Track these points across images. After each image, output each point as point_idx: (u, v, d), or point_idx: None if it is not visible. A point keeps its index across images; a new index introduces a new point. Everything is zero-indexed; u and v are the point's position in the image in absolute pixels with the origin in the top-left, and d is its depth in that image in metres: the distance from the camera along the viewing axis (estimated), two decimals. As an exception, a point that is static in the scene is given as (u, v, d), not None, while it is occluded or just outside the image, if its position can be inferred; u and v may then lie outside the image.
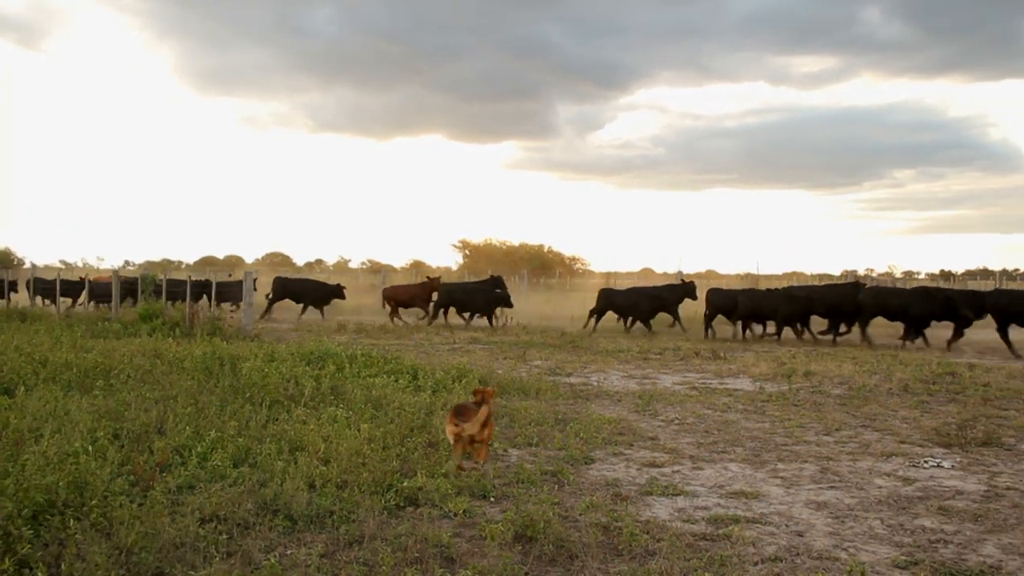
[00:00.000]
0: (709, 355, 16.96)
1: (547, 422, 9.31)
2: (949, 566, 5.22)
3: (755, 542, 5.62)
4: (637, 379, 13.63)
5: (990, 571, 5.16)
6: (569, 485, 6.94)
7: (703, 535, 5.75)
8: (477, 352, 17.37)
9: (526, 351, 17.59)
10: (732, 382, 13.30)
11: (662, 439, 8.86)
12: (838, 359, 16.19)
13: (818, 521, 6.15)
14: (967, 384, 12.79)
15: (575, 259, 72.85)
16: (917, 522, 6.13)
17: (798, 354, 17.37)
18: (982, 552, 5.51)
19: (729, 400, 11.38)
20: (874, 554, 5.47)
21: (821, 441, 8.86)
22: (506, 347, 18.55)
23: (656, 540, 5.55)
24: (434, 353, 16.84)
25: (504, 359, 16.08)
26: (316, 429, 7.77)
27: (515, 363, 15.31)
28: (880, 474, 7.53)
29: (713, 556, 5.29)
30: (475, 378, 11.15)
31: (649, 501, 6.59)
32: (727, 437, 8.99)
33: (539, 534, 5.47)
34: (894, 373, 13.80)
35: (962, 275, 69.60)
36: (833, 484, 7.18)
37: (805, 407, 10.85)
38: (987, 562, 5.32)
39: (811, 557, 5.38)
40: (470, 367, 12.58)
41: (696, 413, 10.36)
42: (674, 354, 17.51)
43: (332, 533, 5.54)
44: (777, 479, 7.34)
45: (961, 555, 5.44)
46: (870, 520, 6.17)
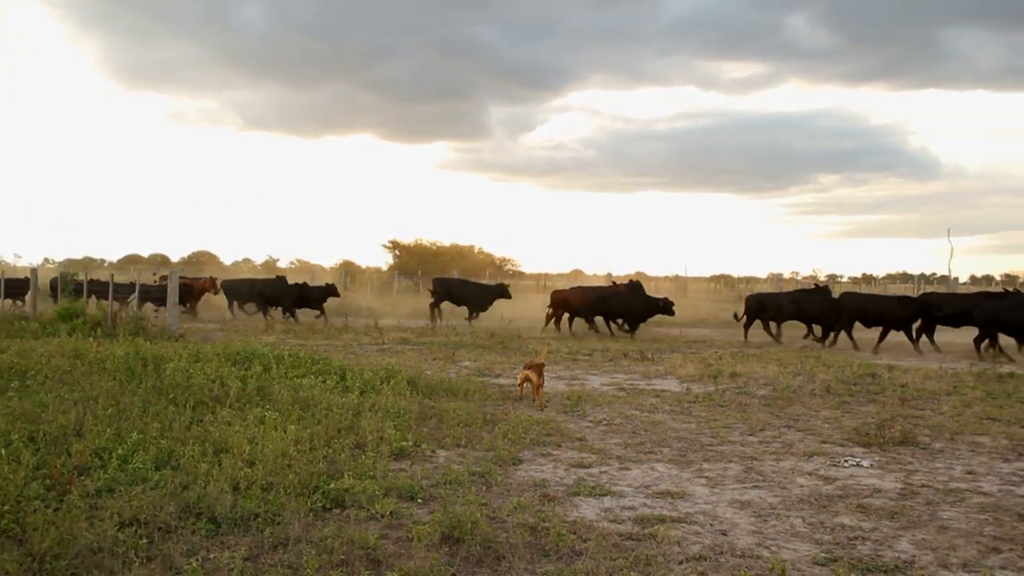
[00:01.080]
0: (637, 356, 17.11)
1: (476, 423, 9.30)
2: (866, 562, 5.34)
3: (680, 541, 5.68)
4: (566, 380, 13.69)
5: (904, 566, 5.30)
6: (497, 486, 6.94)
7: (629, 535, 5.80)
8: (406, 353, 17.29)
9: (455, 352, 17.56)
10: (660, 383, 13.44)
11: (590, 440, 8.92)
12: (763, 360, 16.47)
13: (742, 520, 6.25)
14: (886, 385, 13.11)
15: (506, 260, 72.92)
16: (837, 520, 6.26)
17: (724, 356, 17.62)
18: (897, 548, 5.65)
19: (656, 401, 11.50)
20: (795, 552, 5.57)
21: (746, 441, 9.00)
22: (436, 348, 18.50)
23: (583, 540, 5.58)
24: (363, 354, 16.72)
25: (433, 360, 16.03)
26: (242, 430, 7.66)
27: (444, 364, 15.27)
28: (802, 473, 7.67)
29: (639, 555, 5.34)
30: (403, 379, 11.09)
31: (576, 501, 6.63)
32: (654, 438, 9.08)
33: (466, 535, 5.46)
34: (817, 374, 14.08)
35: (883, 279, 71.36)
36: (757, 484, 7.30)
37: (731, 408, 11.02)
38: (901, 557, 5.45)
39: (734, 555, 5.46)
40: (399, 368, 12.51)
41: (624, 414, 10.44)
42: (603, 355, 17.64)
43: (257, 536, 5.46)
44: (702, 479, 7.44)
45: (878, 551, 5.57)
46: (792, 519, 6.29)
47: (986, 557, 5.50)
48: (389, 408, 9.42)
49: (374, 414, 8.99)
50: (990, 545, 5.72)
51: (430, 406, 10.03)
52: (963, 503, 6.76)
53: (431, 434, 8.74)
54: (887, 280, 69.08)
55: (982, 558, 5.48)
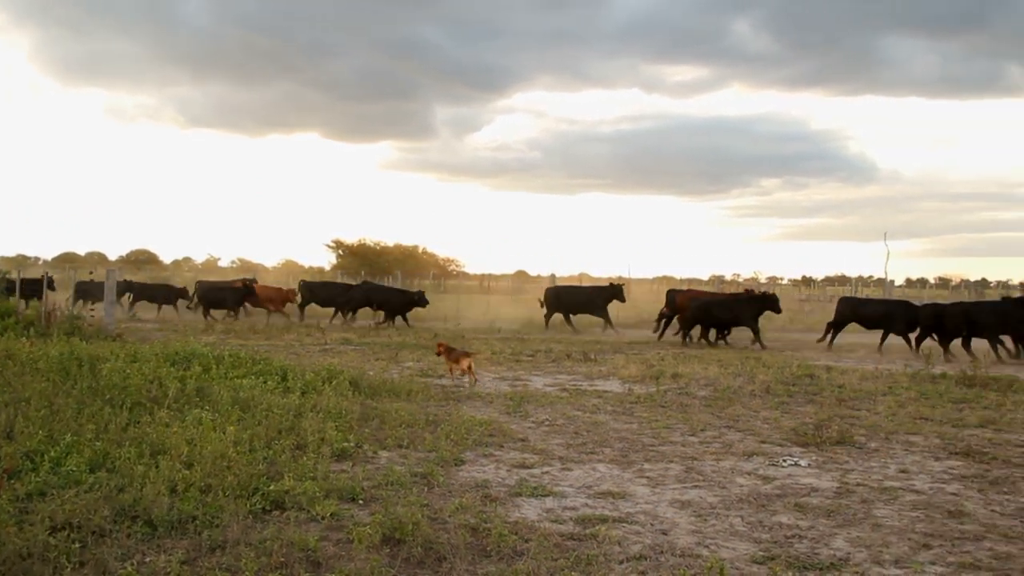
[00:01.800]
0: (580, 357, 17.20)
1: (418, 424, 9.27)
2: (803, 560, 5.43)
3: (621, 541, 5.72)
4: (509, 381, 13.72)
5: (839, 563, 5.39)
6: (439, 487, 6.92)
7: (571, 535, 5.82)
8: (349, 353, 17.19)
9: (398, 352, 17.50)
10: (602, 384, 13.52)
11: (532, 440, 8.94)
12: (704, 362, 16.65)
13: (682, 520, 6.30)
14: (824, 386, 13.33)
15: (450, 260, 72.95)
16: (775, 519, 6.35)
17: (666, 356, 17.78)
18: (833, 546, 5.75)
19: (599, 402, 11.56)
20: (734, 550, 5.63)
21: (686, 441, 9.09)
22: (378, 348, 18.43)
23: (524, 540, 5.59)
24: (304, 354, 16.59)
25: (376, 360, 15.96)
26: (180, 432, 7.54)
27: (387, 364, 15.21)
28: (742, 473, 7.77)
29: (580, 555, 5.36)
30: (345, 379, 11.01)
31: (518, 502, 6.64)
32: (596, 438, 9.13)
33: (408, 536, 5.44)
34: (757, 375, 14.27)
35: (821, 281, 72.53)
36: (697, 483, 7.37)
37: (672, 408, 11.12)
38: (837, 555, 5.55)
39: (674, 555, 5.51)
40: (341, 368, 12.42)
41: (566, 414, 10.49)
42: (546, 356, 17.70)
43: (194, 539, 5.38)
44: (644, 479, 7.49)
45: (814, 549, 5.66)
46: (731, 518, 6.36)
47: (917, 553, 5.63)
48: (331, 409, 9.35)
49: (315, 415, 8.92)
50: (921, 542, 5.85)
51: (372, 407, 9.98)
52: (896, 501, 6.89)
53: (373, 435, 8.70)
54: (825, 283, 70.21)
55: (913, 554, 5.60)
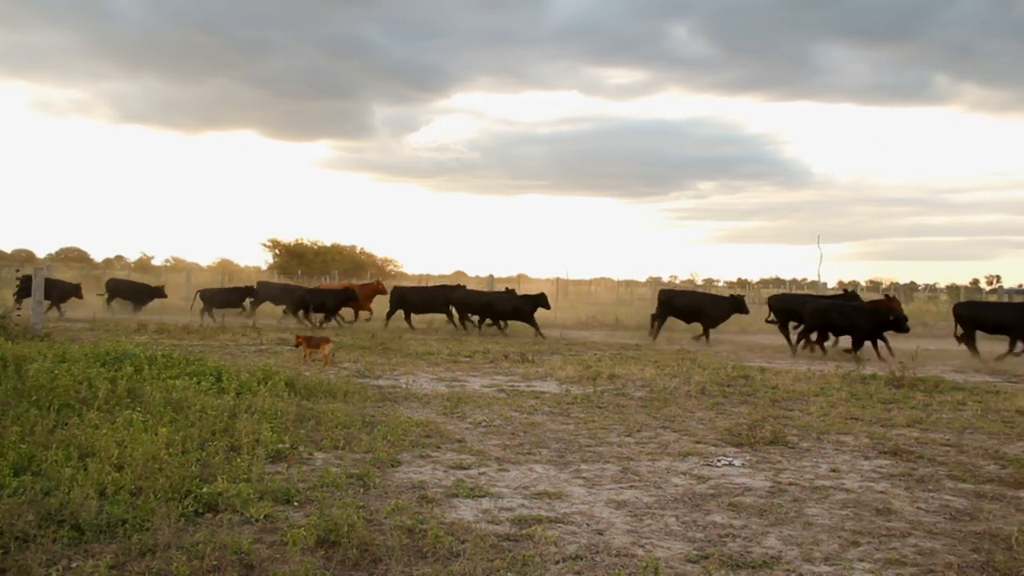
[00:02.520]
0: (518, 358, 17.22)
1: (354, 425, 9.21)
2: (736, 559, 5.51)
3: (557, 541, 5.74)
4: (446, 382, 13.69)
5: (771, 561, 5.48)
6: (375, 488, 6.88)
7: (507, 535, 5.83)
8: (285, 354, 17.00)
9: (335, 353, 17.34)
10: (539, 385, 13.56)
11: (469, 441, 8.93)
12: (641, 363, 16.78)
13: (618, 519, 6.35)
14: (758, 387, 13.53)
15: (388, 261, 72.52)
16: (709, 518, 6.43)
17: (603, 358, 17.89)
18: (765, 544, 5.84)
19: (536, 402, 11.59)
20: (669, 550, 5.69)
21: (623, 442, 9.16)
22: (315, 349, 18.24)
23: (460, 542, 5.58)
24: (240, 355, 16.37)
25: (312, 360, 15.79)
26: (110, 433, 7.38)
27: (323, 365, 15.07)
28: (677, 473, 7.85)
29: (516, 556, 5.37)
30: (281, 380, 10.89)
31: (455, 503, 6.63)
32: (533, 439, 9.16)
33: (343, 538, 5.40)
34: (692, 376, 14.42)
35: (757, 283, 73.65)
36: (633, 483, 7.43)
37: (608, 409, 11.19)
38: (769, 553, 5.64)
39: (610, 555, 5.55)
40: (277, 369, 12.28)
41: (503, 415, 10.50)
42: (484, 357, 17.70)
43: (123, 543, 5.28)
44: (580, 479, 7.53)
45: (747, 548, 5.74)
46: (666, 517, 6.43)
47: (846, 550, 5.74)
48: (266, 410, 9.24)
49: (250, 416, 8.81)
50: (850, 539, 5.97)
51: (308, 408, 9.89)
52: (827, 500, 7.02)
53: (309, 436, 8.62)
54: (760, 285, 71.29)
55: (843, 551, 5.71)
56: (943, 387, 13.81)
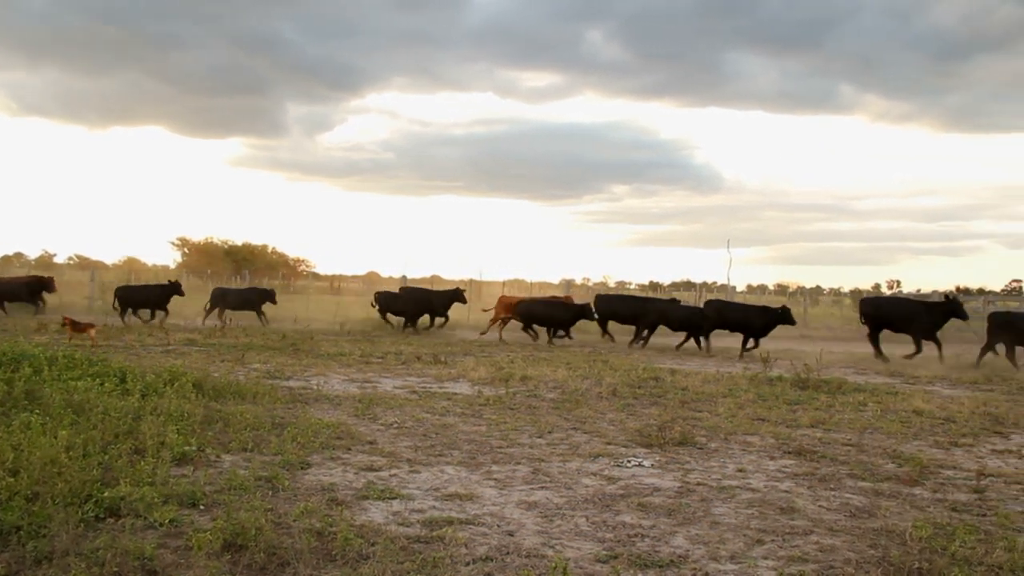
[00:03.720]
0: (430, 359, 17.18)
1: (264, 426, 9.07)
2: (644, 558, 5.57)
3: (468, 543, 5.74)
4: (358, 383, 13.58)
5: (679, 560, 5.56)
6: (284, 491, 6.79)
7: (417, 537, 5.80)
8: (193, 354, 16.66)
9: (244, 354, 17.06)
10: (452, 386, 13.54)
11: (380, 443, 8.87)
12: (553, 364, 16.89)
13: (528, 520, 6.37)
14: (668, 388, 13.73)
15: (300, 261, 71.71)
16: (619, 518, 6.49)
17: (516, 359, 17.96)
18: (673, 543, 5.92)
19: (448, 404, 11.57)
20: (579, 550, 5.73)
21: (534, 443, 9.20)
22: (224, 349, 17.93)
23: (370, 544, 5.53)
24: (145, 355, 15.99)
25: (221, 361, 15.52)
26: (5, 437, 7.11)
27: (233, 366, 14.81)
28: (587, 474, 7.91)
29: (426, 558, 5.35)
30: (189, 381, 10.65)
31: (365, 505, 6.57)
32: (445, 440, 9.14)
33: (250, 542, 5.31)
34: (604, 378, 14.56)
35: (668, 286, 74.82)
36: (544, 484, 7.47)
37: (520, 410, 11.23)
38: (676, 552, 5.72)
39: (520, 555, 5.56)
40: (184, 370, 12.01)
41: (415, 417, 10.45)
42: (396, 358, 17.61)
43: (17, 551, 5.10)
44: (491, 481, 7.54)
45: (655, 547, 5.82)
46: (576, 518, 6.47)
47: (751, 549, 5.86)
48: (172, 411, 9.03)
49: (155, 418, 8.59)
50: (755, 537, 6.09)
51: (216, 409, 9.70)
52: (733, 499, 7.16)
53: (216, 438, 8.46)
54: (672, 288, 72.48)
55: (748, 550, 5.83)
56: (845, 388, 14.21)
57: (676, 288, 71.17)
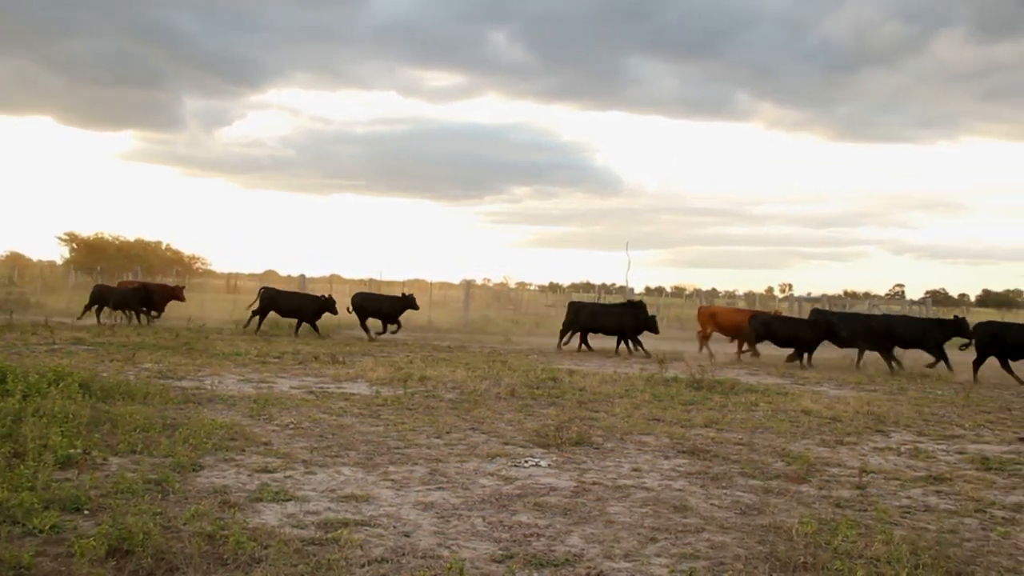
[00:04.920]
0: (328, 359, 16.98)
1: (154, 428, 8.82)
2: (540, 557, 5.60)
3: (363, 545, 5.68)
4: (254, 383, 13.33)
5: (574, 559, 5.61)
6: (174, 494, 6.61)
7: (312, 540, 5.72)
8: (81, 354, 16.11)
9: (136, 353, 16.57)
10: (350, 386, 13.41)
11: (276, 444, 8.72)
12: (452, 365, 16.86)
13: (425, 521, 6.34)
14: (566, 389, 13.85)
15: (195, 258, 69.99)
16: (515, 518, 6.51)
17: (415, 359, 17.88)
18: (568, 543, 5.97)
19: (346, 404, 11.45)
20: (475, 550, 5.73)
21: (432, 444, 9.17)
22: (114, 349, 17.40)
23: (263, 547, 5.43)
24: (28, 354, 15.39)
25: (111, 361, 15.05)
26: None
27: (123, 365, 14.37)
28: (485, 474, 7.92)
29: (320, 560, 5.28)
30: (75, 381, 10.28)
31: (259, 507, 6.45)
32: (341, 441, 9.04)
33: (137, 547, 5.15)
34: (503, 378, 14.61)
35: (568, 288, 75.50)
36: (441, 485, 7.45)
37: (419, 411, 11.18)
38: (572, 551, 5.77)
39: (416, 557, 5.53)
40: (70, 369, 11.59)
41: (312, 417, 10.32)
42: (293, 358, 17.36)
43: None
44: (388, 482, 7.49)
45: (551, 547, 5.85)
46: (473, 518, 6.47)
47: (645, 547, 5.94)
48: (56, 412, 8.69)
49: (38, 419, 8.27)
50: (649, 535, 6.19)
51: (104, 410, 9.39)
52: (628, 498, 7.25)
53: (104, 440, 8.19)
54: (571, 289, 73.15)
55: (642, 548, 5.91)
56: (738, 389, 14.57)
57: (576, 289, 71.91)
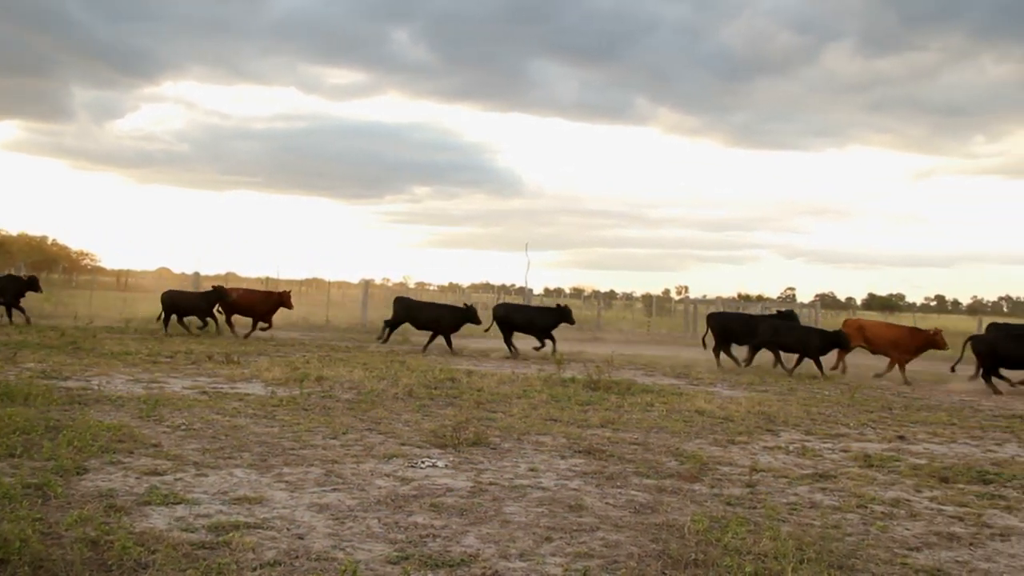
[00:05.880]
0: (222, 359, 16.63)
1: (36, 430, 8.50)
2: (435, 558, 5.58)
3: (255, 548, 5.57)
4: (144, 383, 12.97)
5: (469, 559, 5.60)
6: (57, 498, 6.37)
7: (202, 543, 5.58)
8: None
9: (17, 352, 15.94)
10: (244, 387, 13.15)
11: (166, 446, 8.50)
12: (350, 364, 16.69)
13: (319, 523, 6.26)
14: (464, 389, 13.84)
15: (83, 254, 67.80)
16: (411, 519, 6.48)
17: (312, 359, 17.65)
18: (464, 543, 5.97)
19: (240, 405, 11.22)
20: (370, 552, 5.68)
21: (328, 445, 9.06)
22: (-6, 347, 16.70)
23: (150, 552, 5.28)
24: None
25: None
26: None
27: (2, 365, 13.81)
28: (381, 475, 7.86)
29: (210, 565, 5.15)
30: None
31: (147, 511, 6.27)
32: (234, 442, 8.86)
33: (13, 555, 4.94)
34: (401, 379, 14.52)
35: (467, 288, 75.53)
36: (336, 486, 7.36)
37: (315, 411, 11.03)
38: (467, 551, 5.77)
39: (310, 559, 5.45)
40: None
41: (204, 418, 10.08)
42: (186, 357, 16.94)
43: None
44: (282, 483, 7.37)
45: (446, 547, 5.84)
46: (368, 520, 6.41)
47: (540, 546, 5.98)
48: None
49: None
50: (544, 535, 6.22)
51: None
52: (525, 498, 7.28)
53: (-23, 444, 7.84)
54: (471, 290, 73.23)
55: (537, 547, 5.95)
56: (634, 389, 14.78)
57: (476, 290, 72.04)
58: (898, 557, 6.11)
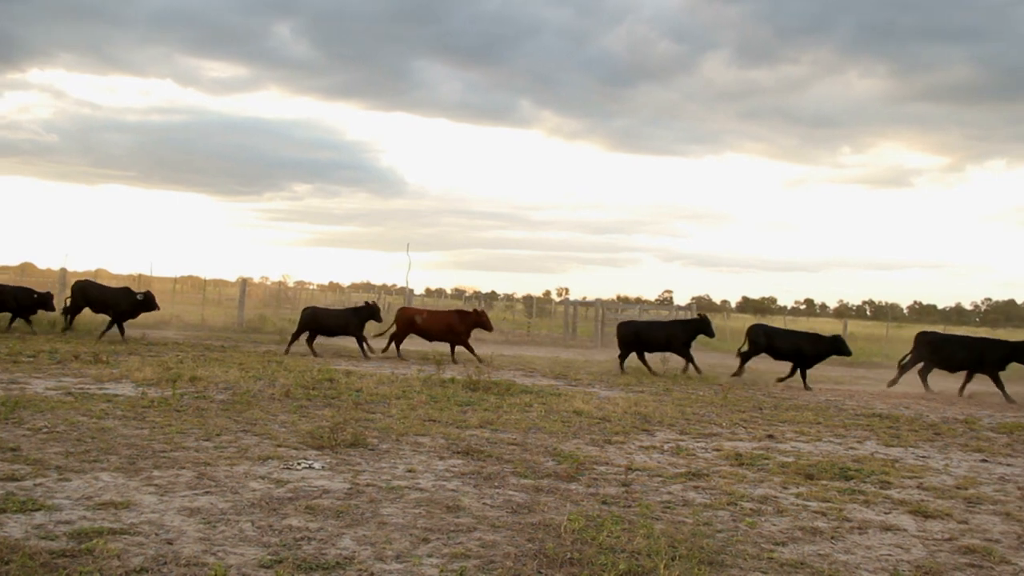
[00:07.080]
0: (90, 359, 16.02)
1: None
2: (310, 561, 5.50)
3: (121, 554, 5.39)
4: (3, 384, 12.38)
5: (345, 562, 5.54)
6: (-97, 506, 6.04)
7: (63, 551, 5.36)
8: None
9: None
10: (113, 387, 12.70)
11: (26, 449, 8.13)
12: (225, 364, 16.32)
13: (190, 528, 6.09)
14: (343, 390, 13.68)
15: (-62, 248, 64.41)
16: (286, 522, 6.36)
17: (185, 359, 17.18)
18: (340, 545, 5.89)
19: (108, 406, 10.83)
20: (242, 556, 5.55)
21: (200, 447, 8.82)
22: None
23: (4, 563, 5.04)
24: None
25: None
26: None
27: None
28: (255, 477, 7.70)
29: (71, 573, 4.96)
30: None
31: (2, 519, 5.98)
32: (101, 445, 8.54)
33: None
34: (278, 379, 14.27)
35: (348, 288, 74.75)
36: (209, 489, 7.18)
37: (188, 413, 10.73)
38: (343, 554, 5.70)
39: (179, 564, 5.30)
40: None
41: (69, 420, 9.69)
42: (50, 357, 16.25)
43: None
44: (151, 487, 7.14)
45: (322, 550, 5.76)
46: (242, 523, 6.27)
47: (417, 547, 5.95)
48: None
49: None
50: (421, 536, 6.20)
51: None
52: (402, 499, 7.24)
53: None
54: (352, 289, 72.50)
55: (414, 548, 5.92)
56: (514, 390, 14.88)
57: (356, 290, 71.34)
58: (765, 552, 6.31)
